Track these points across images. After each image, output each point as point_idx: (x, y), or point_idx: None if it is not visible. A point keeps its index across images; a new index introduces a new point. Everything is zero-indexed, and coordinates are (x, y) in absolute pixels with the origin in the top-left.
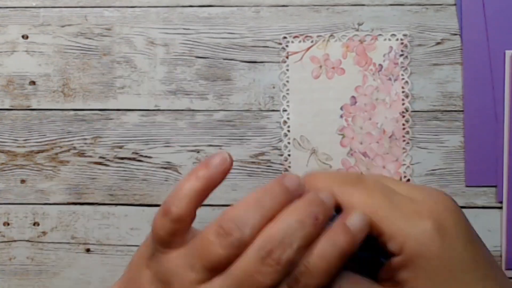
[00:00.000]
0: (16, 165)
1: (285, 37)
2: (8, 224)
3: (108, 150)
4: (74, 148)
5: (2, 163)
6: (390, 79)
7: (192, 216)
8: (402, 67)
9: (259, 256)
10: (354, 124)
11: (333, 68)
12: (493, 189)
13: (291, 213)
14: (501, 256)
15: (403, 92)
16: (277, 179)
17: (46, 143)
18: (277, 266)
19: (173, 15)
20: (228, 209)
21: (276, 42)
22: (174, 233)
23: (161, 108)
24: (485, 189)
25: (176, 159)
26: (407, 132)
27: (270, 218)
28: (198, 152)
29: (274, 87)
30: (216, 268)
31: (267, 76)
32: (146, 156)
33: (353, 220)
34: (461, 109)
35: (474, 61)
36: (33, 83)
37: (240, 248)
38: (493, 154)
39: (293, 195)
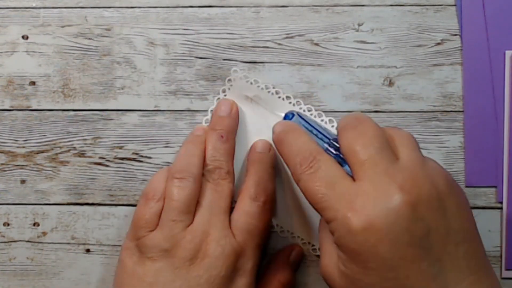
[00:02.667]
0: (16, 165)
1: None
2: (8, 225)
3: (108, 150)
4: (74, 148)
5: (2, 164)
6: None
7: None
8: None
9: (210, 183)
10: None
11: None
12: (493, 189)
13: (208, 145)
14: (501, 256)
15: None
16: (190, 134)
17: (46, 143)
18: (223, 180)
19: (173, 15)
20: (173, 166)
21: (276, 43)
22: (157, 212)
23: (161, 108)
24: (485, 189)
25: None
26: None
27: (201, 156)
28: None
29: (274, 88)
30: (190, 208)
31: (267, 76)
32: (146, 157)
33: (259, 147)
34: (461, 109)
35: (474, 61)
36: (33, 83)
37: (196, 183)
38: (493, 154)
39: (201, 137)
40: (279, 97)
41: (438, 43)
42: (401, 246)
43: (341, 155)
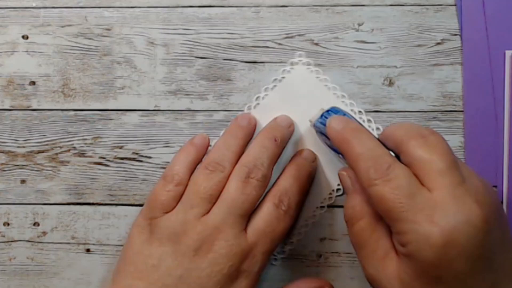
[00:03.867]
0: (16, 165)
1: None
2: (8, 224)
3: (108, 150)
4: (74, 148)
5: (2, 163)
6: None
7: (186, 183)
8: None
9: (241, 179)
10: None
11: None
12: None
13: (256, 143)
14: None
15: None
16: (232, 122)
17: (46, 143)
18: (257, 182)
19: (173, 15)
20: (207, 156)
21: (276, 43)
22: (176, 196)
23: (161, 108)
24: None
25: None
26: None
27: (239, 152)
28: None
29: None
30: (211, 198)
31: (267, 76)
32: (146, 156)
33: (305, 154)
34: (461, 109)
35: (474, 61)
36: (33, 83)
37: (224, 178)
38: (493, 154)
39: (249, 130)
40: (334, 94)
41: (438, 43)
42: (475, 259)
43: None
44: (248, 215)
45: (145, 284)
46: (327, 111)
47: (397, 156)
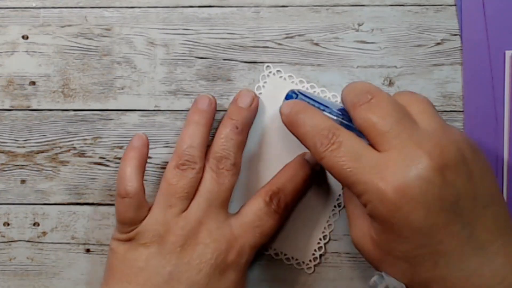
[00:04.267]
0: (16, 165)
1: None
2: (8, 225)
3: (108, 150)
4: (74, 148)
5: (2, 164)
6: None
7: (143, 188)
8: None
9: (213, 172)
10: None
11: None
12: None
13: (219, 132)
14: None
15: None
16: (193, 106)
17: (46, 143)
18: (228, 171)
19: (173, 15)
20: (176, 151)
21: (276, 43)
22: (138, 206)
23: (161, 108)
24: None
25: None
26: None
27: (205, 140)
28: None
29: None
30: (188, 196)
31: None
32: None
33: (309, 155)
34: (461, 109)
35: (474, 61)
36: (33, 83)
37: (197, 173)
38: (493, 154)
39: (210, 113)
40: (314, 91)
41: (438, 43)
42: (433, 212)
43: (353, 126)
44: (227, 204)
45: (133, 287)
46: (286, 97)
47: None
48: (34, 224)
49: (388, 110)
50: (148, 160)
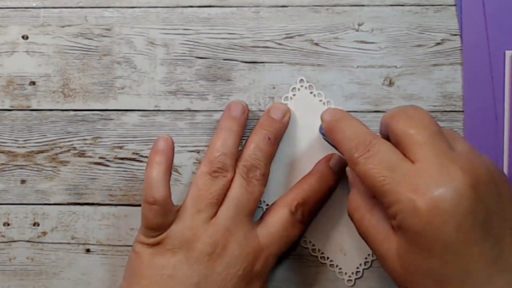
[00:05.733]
0: (16, 165)
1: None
2: (8, 225)
3: (108, 150)
4: (74, 148)
5: (2, 164)
6: None
7: (170, 193)
8: None
9: (243, 180)
10: None
11: None
12: None
13: (251, 140)
14: None
15: None
16: (226, 112)
17: (46, 143)
18: (256, 181)
19: (173, 15)
20: (207, 157)
21: (276, 43)
22: (166, 213)
23: (161, 108)
24: None
25: (176, 159)
26: None
27: (237, 148)
28: (198, 152)
29: (274, 88)
30: (218, 202)
31: (267, 76)
32: (146, 157)
33: (333, 161)
34: (461, 109)
35: (474, 61)
36: (33, 83)
37: (228, 181)
38: (493, 154)
39: (242, 120)
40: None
41: (438, 43)
42: (465, 228)
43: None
44: (253, 214)
45: None
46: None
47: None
48: (34, 224)
49: (425, 123)
50: None
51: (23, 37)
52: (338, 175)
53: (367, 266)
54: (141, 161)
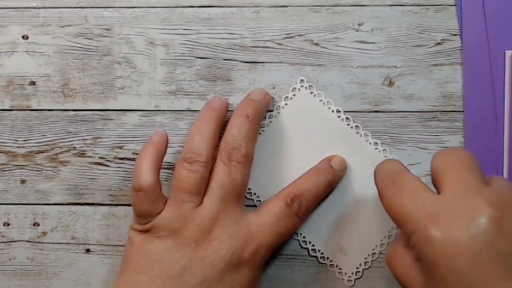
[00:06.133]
0: (16, 165)
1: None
2: (8, 225)
3: (108, 150)
4: (74, 148)
5: (2, 164)
6: None
7: (159, 182)
8: None
9: (224, 166)
10: None
11: None
12: None
13: (230, 123)
14: None
15: None
16: (205, 105)
17: (46, 143)
18: (239, 163)
19: (173, 15)
20: (184, 147)
21: (276, 43)
22: (153, 200)
23: (161, 108)
24: None
25: (176, 159)
26: None
27: (214, 135)
28: None
29: (274, 88)
30: (199, 190)
31: (267, 76)
32: None
33: (335, 160)
34: (461, 109)
35: (474, 61)
36: (33, 83)
37: (205, 166)
38: (493, 154)
39: (221, 111)
40: (339, 117)
41: (438, 43)
42: (482, 262)
43: None
44: (242, 199)
45: (148, 278)
46: None
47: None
48: (34, 224)
49: (460, 159)
50: None
51: (23, 37)
52: (338, 174)
53: (367, 266)
54: None
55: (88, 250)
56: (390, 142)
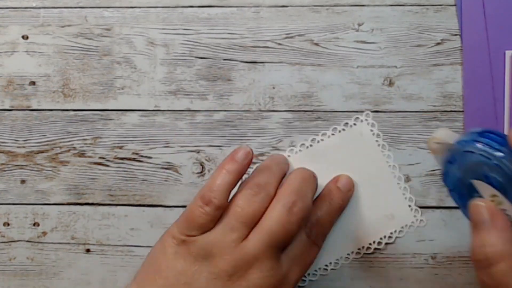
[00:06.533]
0: (16, 165)
1: None
2: (8, 225)
3: (108, 150)
4: (74, 148)
5: (2, 164)
6: None
7: (227, 204)
8: None
9: (285, 208)
10: None
11: None
12: None
13: (297, 174)
14: None
15: None
16: (270, 157)
17: (46, 143)
18: (301, 213)
19: (173, 15)
20: (251, 178)
21: (276, 43)
22: (214, 219)
23: (161, 108)
24: None
25: (176, 159)
26: None
27: (280, 180)
28: (198, 152)
29: (274, 88)
30: (252, 223)
31: (267, 76)
32: (146, 157)
33: (342, 182)
34: (461, 109)
35: (474, 61)
36: (33, 83)
37: (267, 202)
38: None
39: (285, 166)
40: (387, 163)
41: (438, 43)
42: None
43: None
44: (286, 246)
45: None
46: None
47: None
48: (34, 224)
49: None
50: (148, 160)
51: (23, 37)
52: (346, 195)
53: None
54: (141, 161)
55: (88, 250)
56: (390, 142)
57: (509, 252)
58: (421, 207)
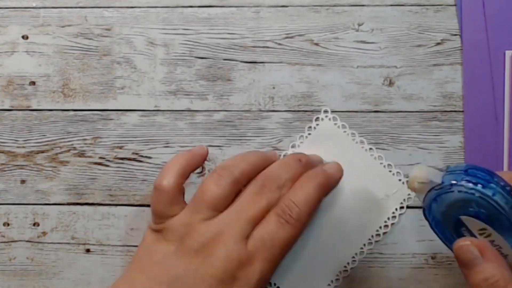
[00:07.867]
0: (16, 165)
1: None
2: (8, 225)
3: (108, 150)
4: (74, 148)
5: (2, 164)
6: None
7: (180, 188)
8: None
9: (255, 189)
10: None
11: None
12: None
13: (279, 161)
14: None
15: None
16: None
17: (46, 143)
18: (270, 192)
19: (173, 15)
20: (220, 163)
21: (276, 43)
22: (170, 202)
23: (161, 108)
24: None
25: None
26: None
27: (256, 169)
28: None
29: (274, 88)
30: (218, 207)
31: (267, 76)
32: (146, 157)
33: (329, 165)
34: (461, 109)
35: (474, 61)
36: (33, 83)
37: (233, 186)
38: (493, 154)
39: (271, 160)
40: (363, 147)
41: (438, 43)
42: None
43: None
44: (255, 224)
45: (144, 278)
46: (446, 183)
47: None
48: (34, 224)
49: None
50: (148, 160)
51: (23, 37)
52: (336, 175)
53: None
54: (141, 161)
55: (88, 250)
56: (390, 142)
57: (508, 277)
58: (421, 208)
